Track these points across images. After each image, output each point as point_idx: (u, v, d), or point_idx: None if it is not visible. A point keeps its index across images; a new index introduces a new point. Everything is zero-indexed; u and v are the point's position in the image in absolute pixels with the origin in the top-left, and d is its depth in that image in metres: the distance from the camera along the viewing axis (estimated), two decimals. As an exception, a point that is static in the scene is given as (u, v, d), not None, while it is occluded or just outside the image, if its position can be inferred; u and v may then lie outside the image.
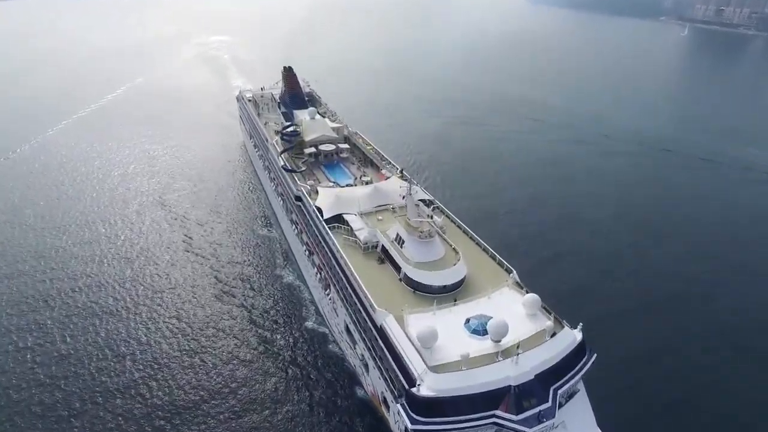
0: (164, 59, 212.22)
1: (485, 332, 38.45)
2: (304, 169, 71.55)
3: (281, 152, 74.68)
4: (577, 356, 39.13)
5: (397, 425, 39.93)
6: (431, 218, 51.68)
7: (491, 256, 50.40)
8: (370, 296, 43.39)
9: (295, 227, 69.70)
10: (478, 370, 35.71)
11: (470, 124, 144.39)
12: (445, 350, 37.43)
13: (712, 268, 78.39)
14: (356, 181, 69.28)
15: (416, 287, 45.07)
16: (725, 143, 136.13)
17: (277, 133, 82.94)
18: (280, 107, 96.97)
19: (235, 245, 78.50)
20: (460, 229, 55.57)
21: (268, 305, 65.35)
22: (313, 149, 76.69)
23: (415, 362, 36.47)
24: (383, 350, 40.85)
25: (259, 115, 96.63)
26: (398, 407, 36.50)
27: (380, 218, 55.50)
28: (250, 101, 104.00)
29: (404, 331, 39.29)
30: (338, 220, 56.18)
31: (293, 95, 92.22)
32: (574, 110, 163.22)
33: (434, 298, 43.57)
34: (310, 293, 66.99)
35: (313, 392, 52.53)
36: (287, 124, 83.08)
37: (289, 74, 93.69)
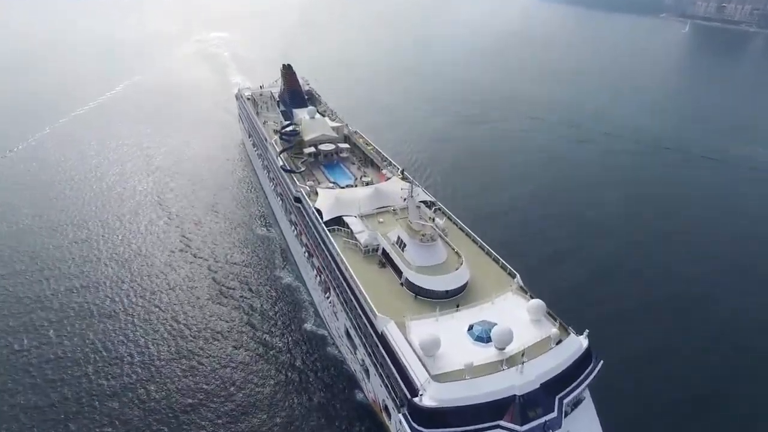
0: (163, 56, 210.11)
1: (489, 339, 37.60)
2: (303, 169, 70.51)
3: (280, 152, 73.61)
4: (583, 363, 38.27)
5: None
6: (433, 221, 50.89)
7: (494, 259, 49.50)
8: (370, 302, 42.45)
9: (294, 228, 68.71)
10: (481, 379, 34.81)
11: (470, 122, 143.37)
12: (447, 358, 36.54)
13: (715, 268, 77.61)
14: (356, 181, 68.30)
15: (418, 292, 44.12)
16: (726, 141, 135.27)
17: (276, 132, 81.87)
18: (279, 106, 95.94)
19: (233, 245, 77.62)
20: (462, 231, 54.60)
21: (266, 307, 64.52)
22: (312, 149, 75.66)
23: (417, 371, 35.59)
24: (384, 357, 39.94)
25: (257, 113, 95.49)
26: (400, 417, 35.64)
27: (381, 220, 54.47)
28: (248, 100, 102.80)
29: (406, 338, 38.38)
30: (338, 222, 55.19)
31: (292, 94, 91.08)
32: (574, 108, 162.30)
33: (436, 303, 42.61)
34: (309, 295, 66.14)
35: (311, 396, 51.83)
36: (286, 123, 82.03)
37: (288, 72, 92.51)
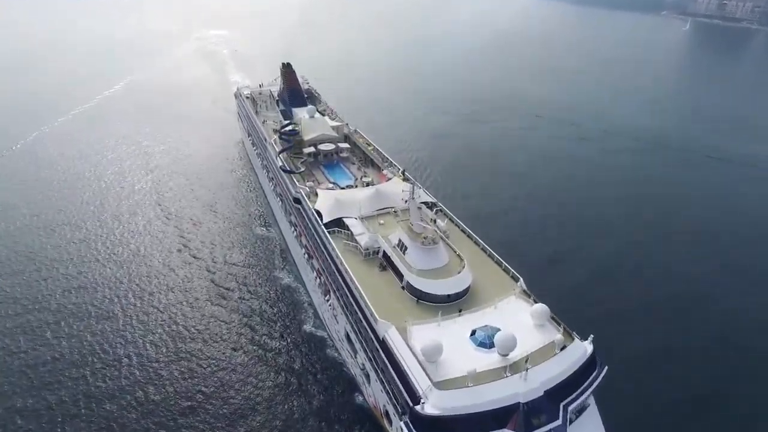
0: (163, 54, 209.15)
1: (492, 345, 36.84)
2: (302, 169, 69.68)
3: (279, 152, 72.74)
4: (587, 370, 37.52)
5: None
6: (434, 222, 50.16)
7: (497, 262, 48.67)
8: (371, 306, 41.67)
9: (293, 229, 67.94)
10: (485, 386, 34.07)
11: (471, 120, 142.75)
12: (450, 365, 35.78)
13: (716, 267, 77.27)
14: (356, 182, 67.52)
15: (419, 296, 43.31)
16: (727, 140, 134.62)
17: (275, 131, 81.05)
18: (278, 105, 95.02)
19: (232, 245, 76.97)
20: (464, 233, 53.76)
21: (265, 308, 63.89)
22: (312, 149, 74.84)
23: (419, 378, 34.82)
24: (385, 363, 39.21)
25: (257, 113, 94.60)
26: (401, 425, 34.94)
27: (382, 222, 53.66)
28: (248, 98, 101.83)
29: (407, 343, 37.62)
30: (338, 224, 54.36)
31: (292, 93, 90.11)
32: (575, 106, 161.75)
33: (438, 307, 41.85)
34: (308, 296, 65.51)
35: (311, 399, 51.23)
36: (286, 122, 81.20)
37: (287, 71, 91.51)
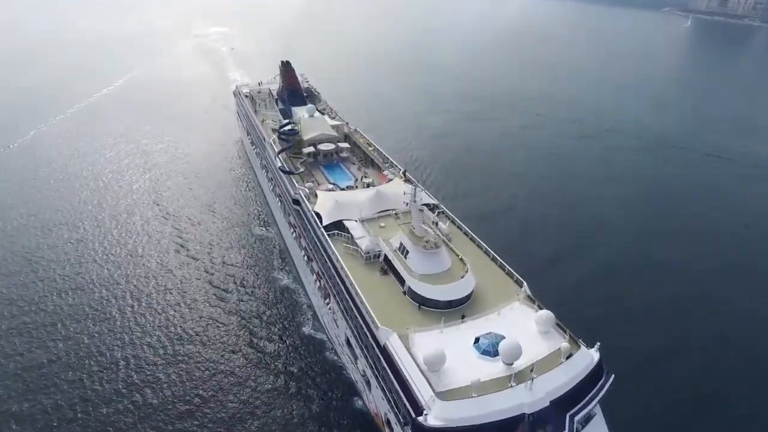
0: (162, 52, 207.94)
1: (496, 353, 35.90)
2: (302, 170, 68.65)
3: (278, 152, 71.63)
4: (594, 378, 36.60)
5: None
6: (436, 225, 49.18)
7: (500, 266, 47.70)
8: (372, 312, 40.71)
9: (293, 230, 66.97)
10: (489, 396, 33.14)
11: (472, 118, 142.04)
12: (453, 374, 34.87)
13: (718, 266, 76.82)
14: (357, 182, 66.54)
15: (422, 302, 42.31)
16: (729, 138, 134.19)
17: (274, 131, 79.98)
18: (277, 104, 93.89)
19: (230, 246, 76.10)
20: (466, 236, 52.77)
21: (264, 309, 63.11)
22: (311, 149, 73.79)
23: (421, 388, 33.91)
24: (386, 371, 38.29)
25: (256, 111, 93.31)
26: None
27: (382, 225, 52.55)
28: (246, 97, 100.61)
29: (409, 351, 36.66)
30: (338, 226, 53.38)
31: (291, 91, 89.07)
32: (576, 104, 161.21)
33: (441, 313, 40.87)
34: (307, 298, 64.71)
35: (310, 403, 50.49)
36: (285, 122, 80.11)
37: (287, 69, 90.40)
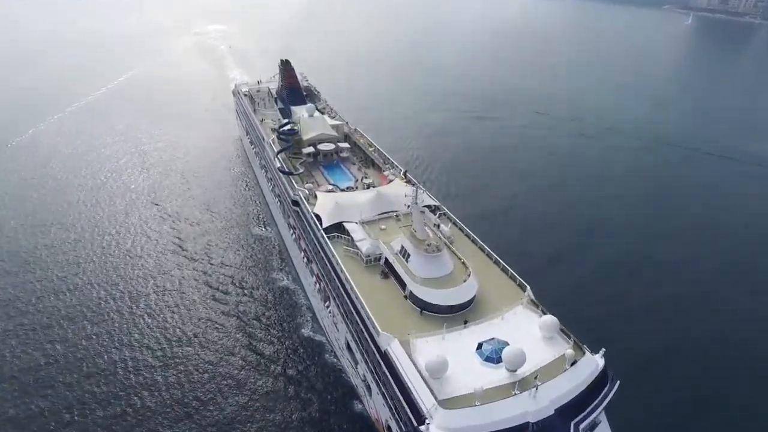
0: (160, 50, 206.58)
1: (499, 360, 35.25)
2: (301, 171, 67.81)
3: (278, 152, 70.78)
4: (599, 385, 35.93)
5: None
6: (438, 227, 48.43)
7: (503, 269, 46.90)
8: (373, 317, 39.98)
9: (292, 232, 66.25)
10: (492, 405, 32.44)
11: (472, 118, 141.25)
12: (455, 381, 34.18)
13: (722, 266, 76.47)
14: (357, 183, 65.72)
15: (423, 306, 41.54)
16: (731, 137, 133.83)
17: (273, 131, 79.14)
18: (277, 103, 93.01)
19: (229, 246, 75.59)
20: (468, 238, 51.96)
21: (263, 311, 62.67)
22: (311, 149, 72.94)
23: (423, 396, 33.22)
24: (388, 377, 37.60)
25: (255, 111, 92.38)
26: None
27: (383, 227, 51.70)
28: (246, 96, 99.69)
29: (411, 358, 35.94)
30: (338, 228, 52.63)
31: (291, 90, 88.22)
32: (577, 102, 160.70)
33: (443, 318, 40.18)
34: (307, 299, 64.23)
35: (309, 406, 50.11)
36: (284, 122, 79.22)
37: (286, 68, 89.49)
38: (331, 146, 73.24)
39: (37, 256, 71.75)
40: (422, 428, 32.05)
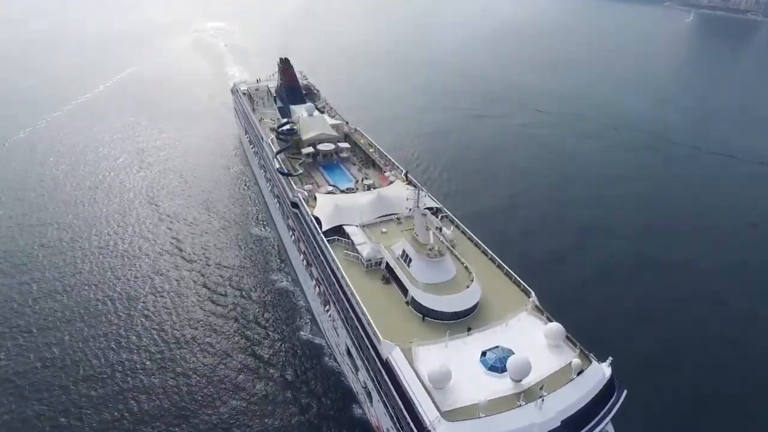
0: (160, 47, 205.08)
1: (504, 369, 34.33)
2: (300, 171, 66.75)
3: (277, 153, 69.79)
4: (606, 395, 35.09)
5: None
6: (440, 230, 47.42)
7: (506, 273, 45.94)
8: (374, 324, 39.06)
9: (292, 233, 65.28)
10: (497, 416, 31.56)
11: (473, 116, 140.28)
12: (459, 391, 33.32)
13: (727, 266, 75.65)
14: (357, 184, 64.69)
15: (425, 313, 40.60)
16: (733, 136, 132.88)
17: (272, 130, 78.07)
18: (276, 102, 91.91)
19: (227, 247, 74.75)
20: (471, 241, 51.07)
21: (261, 313, 61.94)
22: (311, 149, 71.90)
23: (425, 407, 32.30)
24: (389, 386, 36.72)
25: (254, 110, 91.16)
26: None
27: (384, 230, 50.72)
28: (244, 94, 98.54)
29: (413, 367, 35.04)
30: (338, 231, 51.70)
31: (290, 90, 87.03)
32: (579, 100, 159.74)
33: (445, 325, 39.24)
34: (306, 301, 63.48)
35: (308, 410, 49.42)
36: (283, 121, 78.08)
37: (285, 67, 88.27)
38: (330, 146, 72.21)
39: (33, 256, 70.91)
40: (425, 441, 31.24)
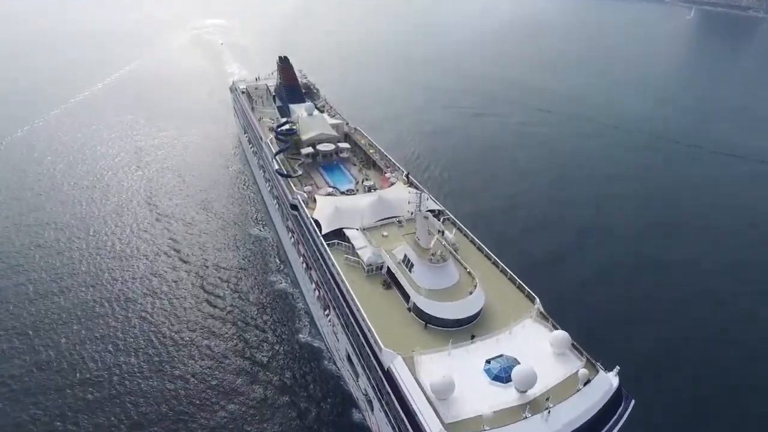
0: (159, 45, 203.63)
1: (508, 379, 33.42)
2: (300, 173, 65.70)
3: (276, 153, 68.76)
4: (614, 405, 34.18)
5: None
6: (442, 234, 46.38)
7: (510, 278, 44.91)
8: (375, 332, 38.09)
9: (291, 235, 64.31)
10: (502, 429, 30.61)
11: (474, 114, 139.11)
12: (462, 402, 32.35)
13: (730, 266, 74.93)
14: (357, 185, 63.67)
15: (428, 320, 39.63)
16: (735, 134, 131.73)
17: (271, 130, 76.99)
18: (275, 100, 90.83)
19: (226, 247, 74.07)
20: (473, 245, 50.04)
21: (259, 315, 61.29)
22: (310, 149, 70.86)
23: (429, 419, 31.36)
24: (391, 396, 35.84)
25: (253, 108, 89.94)
26: None
27: (385, 234, 49.70)
28: (243, 93, 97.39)
29: (415, 377, 34.10)
30: (338, 234, 50.67)
31: (289, 88, 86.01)
32: (581, 99, 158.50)
33: (448, 333, 38.31)
34: (305, 303, 62.77)
35: (306, 414, 48.92)
36: (283, 121, 77.05)
37: (285, 66, 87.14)
38: (330, 146, 71.20)
39: (30, 257, 70.27)
40: (428, 455, 30.33)
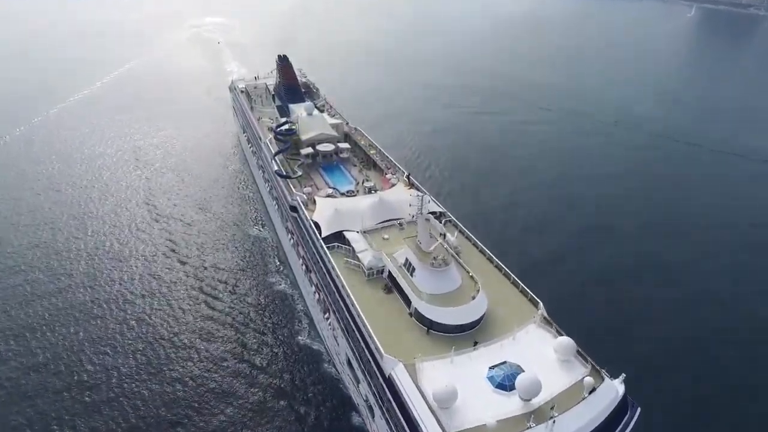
0: (158, 43, 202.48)
1: (512, 387, 32.66)
2: (300, 173, 64.92)
3: (275, 154, 67.98)
4: (619, 414, 33.50)
5: None
6: (444, 237, 45.61)
7: (513, 282, 44.10)
8: (376, 338, 37.38)
9: (290, 237, 63.61)
10: None
11: (475, 113, 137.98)
12: (465, 411, 31.61)
13: (731, 267, 74.35)
14: (357, 186, 62.87)
15: (430, 325, 38.87)
16: (736, 133, 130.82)
17: (270, 130, 76.19)
18: (274, 100, 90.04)
19: (224, 248, 73.53)
20: (476, 248, 49.23)
21: (258, 317, 60.83)
22: (310, 149, 70.06)
23: (431, 429, 30.63)
24: (392, 405, 35.16)
25: (252, 108, 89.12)
26: None
27: (386, 237, 48.86)
28: (242, 92, 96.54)
29: (417, 385, 33.39)
30: (338, 237, 49.93)
31: (289, 88, 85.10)
32: (581, 97, 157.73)
33: (451, 339, 37.58)
34: (304, 305, 62.23)
35: (306, 418, 48.59)
36: (282, 121, 76.28)
37: (284, 65, 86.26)
38: (330, 147, 70.39)
39: (27, 257, 69.83)
40: (431, 466, 29.67)
